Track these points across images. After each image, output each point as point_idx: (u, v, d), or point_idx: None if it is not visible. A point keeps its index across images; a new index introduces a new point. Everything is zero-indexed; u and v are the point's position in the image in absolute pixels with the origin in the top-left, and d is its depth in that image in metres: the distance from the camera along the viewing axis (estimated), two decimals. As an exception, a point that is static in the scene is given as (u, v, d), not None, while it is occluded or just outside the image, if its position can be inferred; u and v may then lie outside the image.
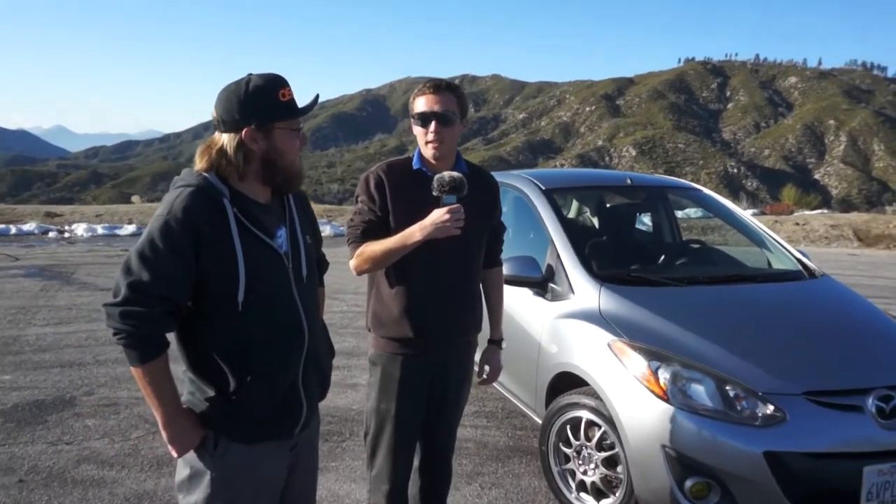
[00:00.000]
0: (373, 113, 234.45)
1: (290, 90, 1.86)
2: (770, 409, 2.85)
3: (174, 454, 1.86)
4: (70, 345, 6.43)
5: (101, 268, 11.39)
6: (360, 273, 2.60)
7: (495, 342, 2.90)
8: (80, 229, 17.22)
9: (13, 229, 17.16)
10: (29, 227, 17.76)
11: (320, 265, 2.19)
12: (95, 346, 6.40)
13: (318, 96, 1.99)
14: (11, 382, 5.31)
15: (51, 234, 16.65)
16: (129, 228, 17.64)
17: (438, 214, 2.33)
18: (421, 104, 2.52)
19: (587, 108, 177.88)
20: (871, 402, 2.89)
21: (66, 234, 16.84)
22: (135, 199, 42.88)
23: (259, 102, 1.82)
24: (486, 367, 2.88)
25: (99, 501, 3.51)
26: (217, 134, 1.87)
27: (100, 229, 17.28)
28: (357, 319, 7.72)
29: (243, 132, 1.83)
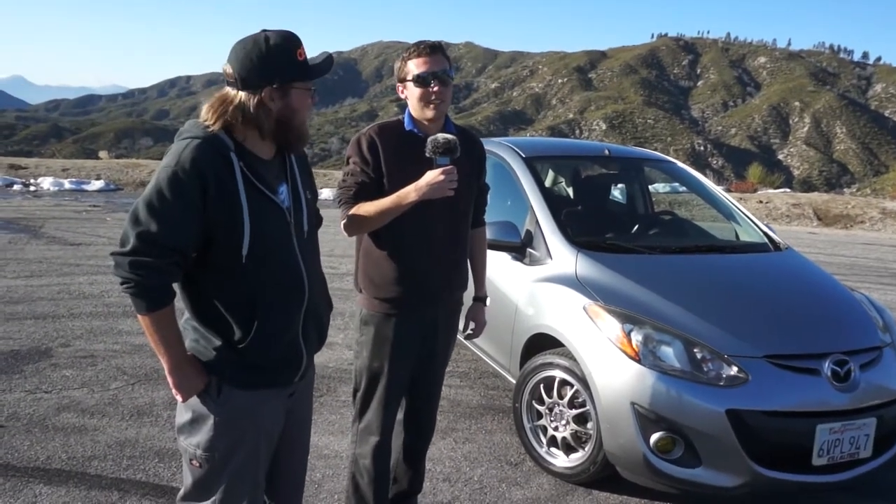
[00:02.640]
0: (344, 76, 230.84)
1: (304, 49, 1.90)
2: (734, 370, 3.03)
3: (179, 399, 1.92)
4: (43, 297, 6.39)
5: (69, 223, 11.21)
6: (351, 234, 2.63)
7: (480, 299, 2.99)
8: (46, 183, 16.81)
9: (-26, 181, 16.76)
10: (-8, 179, 17.33)
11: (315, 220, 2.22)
12: (69, 300, 6.38)
13: (331, 56, 1.98)
14: (-16, 333, 5.29)
15: (15, 187, 16.25)
16: (97, 184, 17.27)
17: (433, 175, 2.39)
18: (418, 66, 2.54)
19: (559, 80, 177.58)
20: (827, 366, 3.09)
21: (32, 188, 16.46)
22: (102, 154, 42.05)
23: (280, 62, 1.85)
24: (472, 323, 2.98)
25: (81, 447, 3.56)
26: (230, 89, 1.86)
27: (67, 184, 16.88)
28: (332, 281, 7.76)
29: (264, 91, 1.85)
